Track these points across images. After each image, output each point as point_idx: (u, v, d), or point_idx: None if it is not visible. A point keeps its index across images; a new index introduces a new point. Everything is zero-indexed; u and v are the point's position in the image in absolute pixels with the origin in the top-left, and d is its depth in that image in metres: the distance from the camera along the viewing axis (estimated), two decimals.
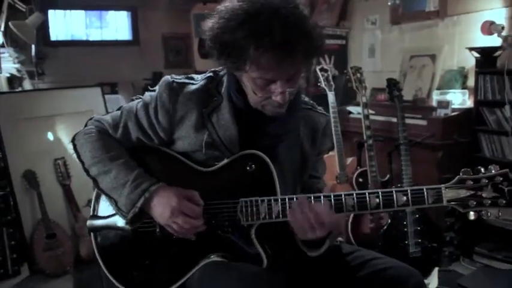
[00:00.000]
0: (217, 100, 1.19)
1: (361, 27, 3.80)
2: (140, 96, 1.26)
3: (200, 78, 1.23)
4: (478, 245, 2.68)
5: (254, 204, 1.12)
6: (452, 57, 3.05)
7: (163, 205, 1.11)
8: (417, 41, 3.32)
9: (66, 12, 4.23)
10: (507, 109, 2.54)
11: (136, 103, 1.24)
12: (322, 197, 1.09)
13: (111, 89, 4.08)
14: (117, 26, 4.47)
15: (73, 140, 1.23)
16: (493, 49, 2.64)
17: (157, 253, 1.19)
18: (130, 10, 4.47)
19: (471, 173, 1.06)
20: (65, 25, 4.23)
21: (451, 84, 2.98)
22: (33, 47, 3.54)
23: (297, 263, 1.21)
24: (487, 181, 1.04)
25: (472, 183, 1.05)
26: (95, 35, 4.39)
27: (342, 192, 1.09)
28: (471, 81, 2.83)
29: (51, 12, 4.09)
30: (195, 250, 1.15)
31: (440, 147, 2.72)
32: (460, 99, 2.88)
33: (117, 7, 4.43)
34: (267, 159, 1.15)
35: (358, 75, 2.86)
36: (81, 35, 4.35)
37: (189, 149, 1.19)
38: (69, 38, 4.27)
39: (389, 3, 3.45)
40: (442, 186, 1.05)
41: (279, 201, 1.11)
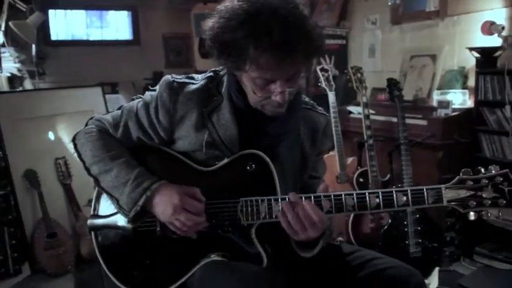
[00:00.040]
0: (218, 100, 1.19)
1: (361, 27, 3.80)
2: (141, 95, 1.26)
3: (200, 78, 1.23)
4: (478, 245, 2.68)
5: (254, 203, 1.12)
6: (453, 57, 3.05)
7: (165, 203, 1.11)
8: (417, 41, 3.32)
9: (67, 12, 4.23)
10: (507, 109, 2.54)
11: (136, 103, 1.24)
12: (322, 197, 1.09)
13: (112, 88, 4.08)
14: (117, 25, 4.47)
15: (74, 139, 1.24)
16: (493, 49, 2.64)
17: (158, 252, 1.19)
18: (131, 10, 4.47)
19: (471, 173, 1.05)
20: (66, 25, 4.23)
21: (452, 84, 2.98)
22: (34, 46, 3.54)
23: (297, 263, 1.20)
24: (487, 181, 1.04)
25: (472, 183, 1.04)
26: (95, 35, 4.39)
27: (342, 192, 1.09)
28: (471, 81, 2.82)
29: (51, 12, 4.09)
30: (196, 249, 1.15)
31: (441, 147, 2.72)
32: (460, 99, 2.88)
33: (117, 7, 4.43)
34: (267, 158, 1.15)
35: (359, 75, 2.87)
36: (81, 35, 4.35)
37: (190, 149, 1.19)
38: (69, 37, 4.27)
39: (389, 3, 3.44)
40: (442, 186, 1.05)
41: (279, 200, 1.11)
